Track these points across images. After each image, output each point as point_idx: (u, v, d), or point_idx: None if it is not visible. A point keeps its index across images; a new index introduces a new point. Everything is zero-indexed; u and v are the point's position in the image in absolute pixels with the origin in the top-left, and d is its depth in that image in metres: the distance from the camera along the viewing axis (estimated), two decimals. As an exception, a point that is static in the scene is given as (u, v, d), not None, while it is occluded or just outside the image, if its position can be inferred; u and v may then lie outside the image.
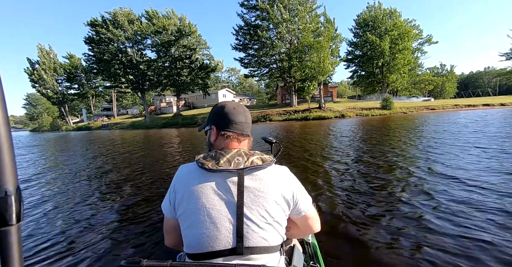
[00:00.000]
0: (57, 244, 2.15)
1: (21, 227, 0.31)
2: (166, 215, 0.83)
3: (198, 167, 0.76)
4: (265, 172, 0.77)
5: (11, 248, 0.30)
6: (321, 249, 1.30)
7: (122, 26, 28.52)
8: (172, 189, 0.79)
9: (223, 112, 0.84)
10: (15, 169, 0.30)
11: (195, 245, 0.71)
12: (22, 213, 0.31)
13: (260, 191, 0.74)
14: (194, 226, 0.72)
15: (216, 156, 0.76)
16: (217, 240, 0.70)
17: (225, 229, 0.70)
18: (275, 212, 0.74)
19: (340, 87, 65.44)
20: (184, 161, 5.87)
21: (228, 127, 0.83)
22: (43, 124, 48.51)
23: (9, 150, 0.29)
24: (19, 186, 0.31)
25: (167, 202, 0.81)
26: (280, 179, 0.78)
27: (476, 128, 8.44)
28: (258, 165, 0.75)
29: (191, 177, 0.76)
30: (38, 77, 39.35)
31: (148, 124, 29.83)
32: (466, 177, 3.24)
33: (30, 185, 4.40)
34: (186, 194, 0.74)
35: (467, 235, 1.90)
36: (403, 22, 29.51)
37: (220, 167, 0.73)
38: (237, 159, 0.75)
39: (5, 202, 0.29)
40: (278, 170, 0.80)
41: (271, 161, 0.78)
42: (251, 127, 0.89)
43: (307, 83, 22.72)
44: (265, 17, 24.83)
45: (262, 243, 0.71)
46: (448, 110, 23.35)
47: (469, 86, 66.07)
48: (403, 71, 29.79)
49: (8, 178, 0.29)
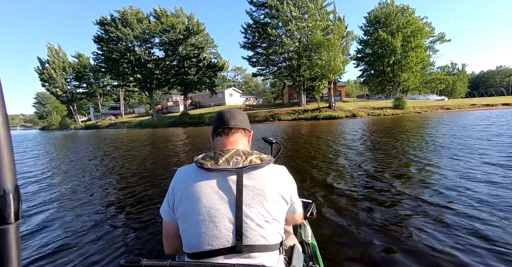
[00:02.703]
0: (56, 242, 2.12)
1: (19, 226, 0.31)
2: (165, 219, 0.82)
3: (197, 168, 0.77)
4: (263, 171, 0.78)
5: (9, 246, 0.29)
6: (321, 249, 1.27)
7: (131, 24, 28.52)
8: (170, 192, 0.79)
9: (215, 118, 0.91)
10: (13, 167, 0.30)
11: (194, 244, 0.71)
12: (21, 211, 0.31)
13: (259, 190, 0.74)
14: (193, 226, 0.72)
15: (215, 156, 0.77)
16: (217, 238, 0.70)
17: (225, 228, 0.70)
18: (273, 210, 0.75)
19: (347, 87, 64.47)
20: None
21: (217, 126, 0.88)
22: (52, 123, 49.16)
23: (8, 148, 0.29)
24: (17, 185, 0.30)
25: (165, 205, 0.80)
26: (278, 178, 0.80)
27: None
28: (257, 164, 0.76)
29: (190, 178, 0.77)
30: (48, 76, 39.86)
31: (156, 123, 29.79)
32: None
33: (37, 183, 4.34)
34: (185, 195, 0.75)
35: (469, 238, 1.83)
36: (416, 19, 28.61)
37: (219, 166, 0.74)
38: (236, 158, 0.76)
39: (4, 201, 0.29)
40: (277, 169, 0.82)
41: (269, 160, 0.79)
42: (244, 123, 0.90)
43: (317, 82, 22.23)
44: (274, 15, 24.40)
45: (261, 241, 0.71)
46: (465, 110, 22.50)
47: (479, 86, 64.24)
48: (415, 69, 28.92)
49: (7, 177, 0.29)
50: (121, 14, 28.52)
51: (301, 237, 1.22)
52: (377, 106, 24.72)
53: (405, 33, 27.41)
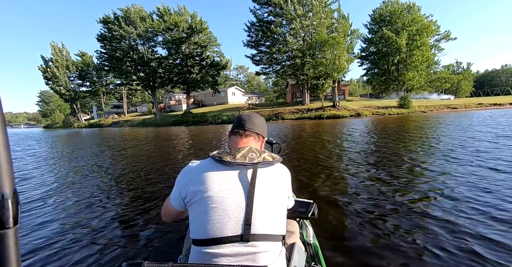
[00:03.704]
0: (56, 245, 2.08)
1: (18, 230, 0.31)
2: (175, 206, 0.88)
3: (213, 161, 0.83)
4: (274, 168, 0.87)
5: (9, 251, 0.29)
6: (323, 250, 1.28)
7: (134, 23, 28.46)
8: (182, 181, 0.84)
9: (235, 119, 1.00)
10: (12, 172, 0.30)
11: (203, 231, 0.75)
12: (19, 216, 0.31)
13: (270, 184, 0.82)
14: (205, 213, 0.76)
15: (231, 152, 0.84)
16: (226, 226, 0.74)
17: (235, 217, 0.75)
18: (280, 204, 0.83)
19: (349, 86, 63.97)
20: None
21: (234, 127, 0.97)
22: (56, 121, 49.43)
23: (6, 153, 0.29)
24: (16, 189, 0.30)
25: (176, 194, 0.86)
26: (285, 176, 0.90)
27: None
28: (269, 161, 0.84)
29: (207, 170, 0.81)
30: (52, 75, 40.00)
31: (159, 122, 29.80)
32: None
33: (41, 181, 4.27)
34: (201, 184, 0.79)
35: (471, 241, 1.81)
36: (422, 17, 28.22)
37: (237, 161, 0.80)
38: (251, 154, 0.83)
39: (2, 205, 0.29)
40: (284, 169, 0.92)
41: (278, 159, 0.88)
42: (259, 128, 0.96)
43: (321, 81, 22.04)
44: (278, 13, 24.19)
45: (267, 231, 0.77)
46: (472, 110, 22.19)
47: (484, 85, 63.44)
48: (420, 68, 28.59)
49: (5, 181, 0.29)
50: (125, 12, 28.46)
51: (303, 237, 1.22)
52: (382, 105, 24.50)
53: (410, 31, 27.06)
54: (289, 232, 1.07)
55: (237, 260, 0.74)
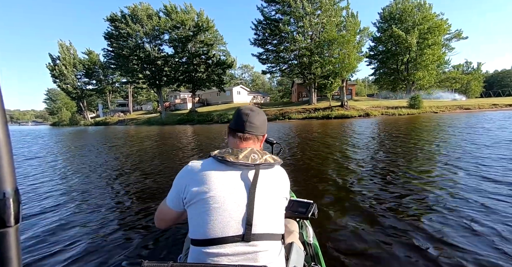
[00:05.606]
0: (56, 244, 2.07)
1: (19, 228, 0.30)
2: (172, 207, 0.86)
3: (216, 161, 0.82)
4: (275, 170, 0.88)
5: (10, 249, 0.29)
6: (323, 250, 1.26)
7: (141, 21, 28.42)
8: (182, 182, 0.82)
9: (235, 114, 0.94)
10: (13, 170, 0.30)
11: (205, 231, 0.75)
12: (21, 214, 0.31)
13: (271, 186, 0.83)
14: (206, 213, 0.75)
15: (234, 152, 0.83)
16: (228, 226, 0.74)
17: (237, 217, 0.75)
18: (279, 205, 0.85)
19: (356, 86, 63.06)
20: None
21: (233, 126, 0.92)
22: (63, 119, 49.94)
23: (7, 152, 0.29)
24: (17, 188, 0.30)
25: (174, 194, 0.84)
26: (285, 178, 0.91)
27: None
28: (271, 162, 0.84)
29: (210, 169, 0.80)
30: (59, 73, 40.36)
31: (164, 121, 29.75)
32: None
33: (41, 181, 4.21)
34: (203, 184, 0.78)
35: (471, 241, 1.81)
36: (433, 15, 27.47)
37: (240, 161, 0.80)
38: (253, 155, 0.83)
39: (4, 204, 0.29)
40: (283, 171, 0.92)
41: (279, 161, 0.88)
42: (259, 129, 0.91)
43: (330, 80, 21.60)
44: (286, 10, 23.80)
45: (267, 231, 0.77)
46: (486, 110, 21.46)
47: (494, 85, 61.86)
48: (431, 67, 27.85)
49: (6, 180, 0.29)
50: (132, 10, 28.44)
51: (303, 237, 1.20)
52: (391, 105, 23.93)
53: (421, 29, 26.33)
54: (288, 231, 1.07)
55: (237, 259, 0.73)
